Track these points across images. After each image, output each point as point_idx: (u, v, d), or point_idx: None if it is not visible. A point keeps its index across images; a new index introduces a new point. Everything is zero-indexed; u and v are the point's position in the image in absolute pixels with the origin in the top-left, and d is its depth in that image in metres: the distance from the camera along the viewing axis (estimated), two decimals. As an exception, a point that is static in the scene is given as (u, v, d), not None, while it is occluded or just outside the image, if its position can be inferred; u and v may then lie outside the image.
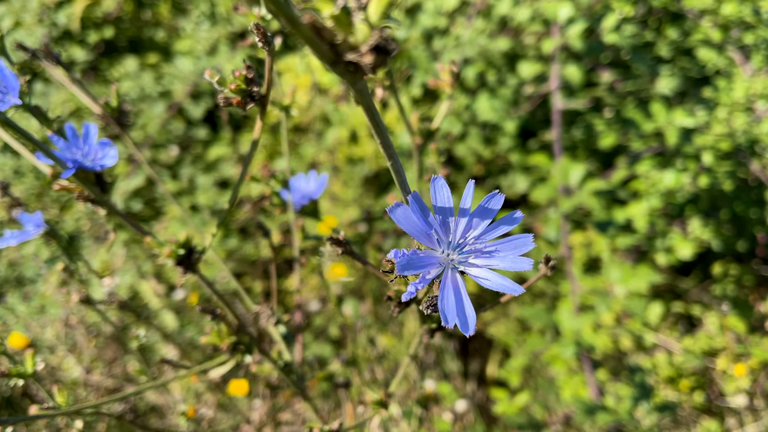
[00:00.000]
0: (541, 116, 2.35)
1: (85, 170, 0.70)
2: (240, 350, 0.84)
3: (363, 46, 0.29)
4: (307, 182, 1.00)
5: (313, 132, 2.37)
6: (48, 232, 0.83)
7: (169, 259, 0.75)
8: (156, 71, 2.16)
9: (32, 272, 1.71)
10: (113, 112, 0.90)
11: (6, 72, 0.70)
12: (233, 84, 0.60)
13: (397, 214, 0.42)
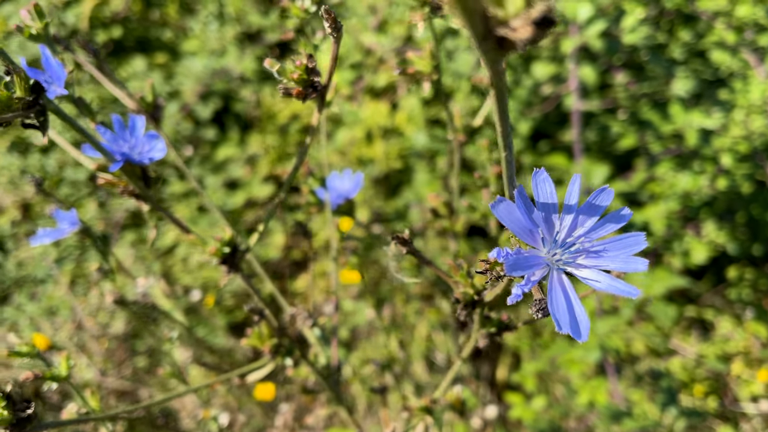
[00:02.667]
0: (555, 117, 2.34)
1: (131, 164, 0.68)
2: (281, 353, 0.82)
3: (516, 20, 0.26)
4: (342, 181, 0.98)
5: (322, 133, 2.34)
6: (82, 230, 0.80)
7: (214, 258, 0.73)
8: (165, 71, 2.13)
9: (43, 273, 1.68)
10: (148, 107, 0.87)
11: (51, 61, 0.68)
12: (295, 73, 0.57)
13: (500, 210, 0.39)
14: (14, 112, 0.60)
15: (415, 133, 2.16)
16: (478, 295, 0.55)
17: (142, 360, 1.85)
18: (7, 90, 0.59)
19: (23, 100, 0.61)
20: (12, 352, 0.76)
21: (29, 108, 0.62)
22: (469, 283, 0.55)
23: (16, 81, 0.60)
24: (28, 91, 0.61)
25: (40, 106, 0.61)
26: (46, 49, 0.68)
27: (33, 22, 0.71)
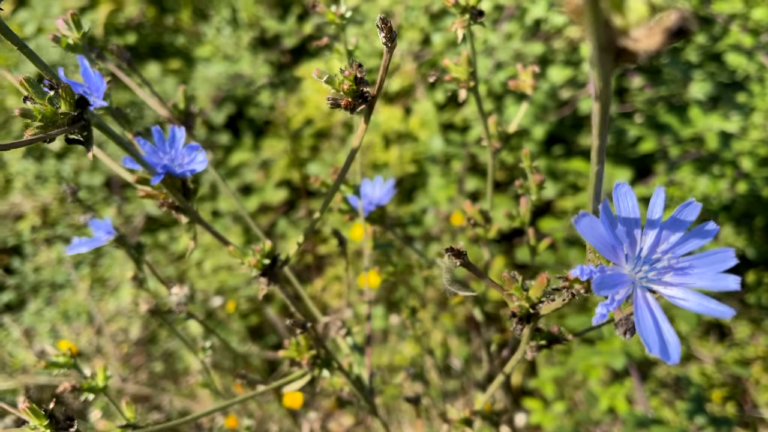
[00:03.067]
0: (570, 122, 2.32)
1: (172, 176, 0.67)
2: (318, 364, 0.81)
3: (639, 29, 0.25)
4: (373, 188, 0.97)
5: (335, 137, 2.33)
6: (117, 238, 0.79)
7: (255, 269, 0.72)
8: (179, 77, 2.13)
9: (62, 278, 1.67)
10: (180, 115, 0.86)
11: (90, 72, 0.67)
12: (345, 84, 0.56)
13: (583, 225, 0.38)
14: (59, 128, 0.60)
15: (432, 137, 2.15)
16: (533, 309, 0.53)
17: (158, 365, 1.84)
18: (52, 105, 0.59)
19: (68, 115, 0.60)
20: (49, 363, 0.76)
21: (74, 123, 0.61)
22: (525, 296, 0.54)
23: (61, 95, 0.59)
24: (73, 105, 0.60)
25: (85, 120, 0.61)
26: (84, 59, 0.67)
27: (70, 32, 0.70)
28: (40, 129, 0.58)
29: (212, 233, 0.73)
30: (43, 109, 0.59)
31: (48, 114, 0.58)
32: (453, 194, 2.19)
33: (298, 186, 2.34)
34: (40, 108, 0.59)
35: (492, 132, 0.86)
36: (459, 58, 0.77)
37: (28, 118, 0.60)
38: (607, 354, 1.43)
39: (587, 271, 0.40)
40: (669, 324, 0.38)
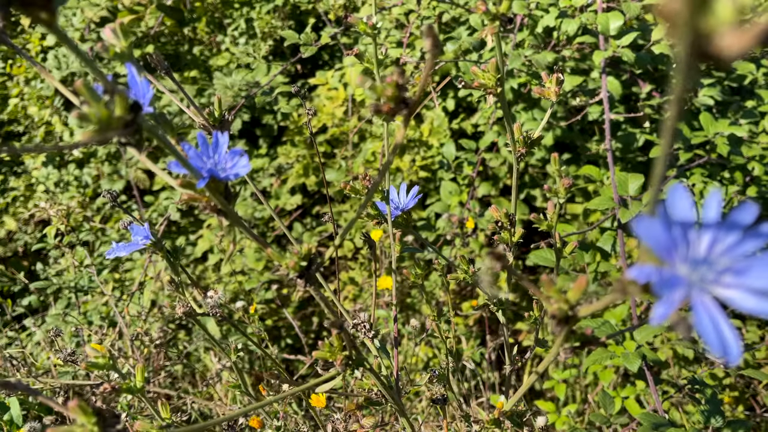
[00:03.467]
0: (578, 129, 2.35)
1: (215, 180, 0.69)
2: (350, 365, 0.83)
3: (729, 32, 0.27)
4: (398, 194, 0.99)
5: (349, 144, 2.36)
6: (154, 243, 0.82)
7: (292, 271, 0.74)
8: (199, 85, 2.16)
9: (85, 282, 1.70)
10: (215, 122, 0.89)
11: (136, 79, 0.70)
12: (389, 90, 0.59)
13: (642, 227, 0.39)
14: (113, 131, 0.62)
15: (444, 143, 2.18)
16: (572, 311, 0.55)
17: (176, 366, 1.86)
18: (108, 109, 0.61)
19: (123, 119, 0.62)
20: (89, 364, 0.78)
21: (127, 127, 0.63)
22: (563, 298, 0.56)
23: (117, 101, 0.61)
24: (128, 110, 0.62)
25: (137, 124, 0.63)
26: (132, 67, 0.70)
27: (117, 41, 0.73)
28: (95, 132, 0.60)
29: (252, 236, 0.75)
30: (99, 113, 0.62)
31: (104, 117, 0.61)
32: (465, 199, 2.22)
33: (312, 191, 2.36)
34: (96, 112, 0.62)
35: (517, 137, 0.88)
36: (486, 64, 0.79)
37: (85, 120, 0.62)
38: (623, 356, 1.45)
39: (646, 273, 0.41)
40: (729, 324, 0.40)
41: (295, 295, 0.75)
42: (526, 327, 2.25)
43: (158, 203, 2.13)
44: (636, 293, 0.45)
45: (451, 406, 1.22)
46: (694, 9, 0.25)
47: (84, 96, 0.60)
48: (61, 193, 2.18)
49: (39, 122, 2.40)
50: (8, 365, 1.75)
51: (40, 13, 0.50)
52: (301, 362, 1.91)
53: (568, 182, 0.74)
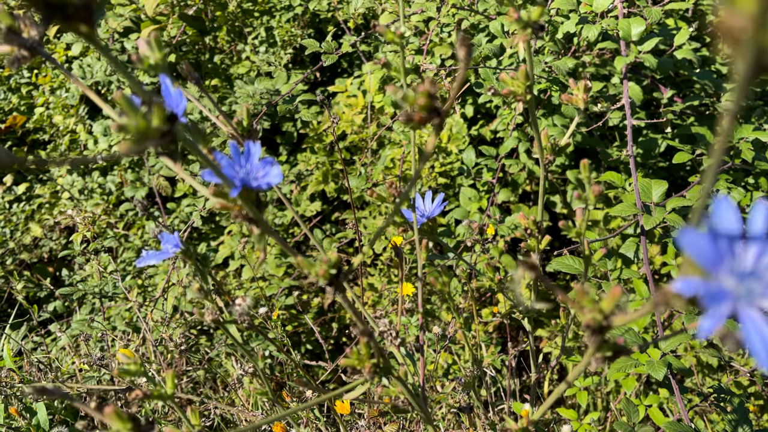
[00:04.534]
0: (598, 134, 2.34)
1: (247, 189, 0.70)
2: (378, 373, 0.83)
3: None
4: (424, 202, 1.00)
5: (368, 151, 2.37)
6: (183, 251, 0.83)
7: (322, 279, 0.75)
8: (220, 93, 2.19)
9: (110, 287, 1.72)
10: (243, 131, 0.90)
11: (170, 90, 0.71)
12: (420, 99, 0.60)
13: (686, 240, 0.39)
14: (151, 141, 0.63)
15: (464, 150, 2.18)
16: (606, 320, 0.55)
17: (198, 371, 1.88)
18: (145, 120, 0.62)
19: (159, 129, 0.63)
20: (121, 370, 0.79)
21: (163, 137, 0.64)
22: (597, 308, 0.56)
23: (155, 112, 0.62)
24: (165, 120, 0.63)
25: (173, 135, 0.64)
26: (166, 78, 0.71)
27: (151, 53, 0.74)
28: (133, 142, 0.62)
29: (281, 244, 0.76)
30: (137, 124, 0.63)
31: (141, 128, 0.62)
32: (484, 206, 2.21)
33: (331, 198, 2.38)
34: (134, 122, 0.63)
35: (545, 144, 0.88)
36: (515, 72, 0.79)
37: (123, 132, 0.64)
38: (647, 364, 1.43)
39: (691, 286, 0.40)
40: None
41: (326, 301, 0.75)
42: (546, 334, 2.23)
43: (180, 210, 2.16)
44: (680, 306, 0.44)
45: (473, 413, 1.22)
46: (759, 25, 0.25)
47: (123, 107, 0.62)
48: (86, 201, 2.22)
49: (64, 131, 2.44)
50: (34, 370, 1.78)
51: (80, 26, 0.51)
52: (322, 368, 1.92)
53: (598, 190, 0.74)
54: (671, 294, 0.45)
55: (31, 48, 0.70)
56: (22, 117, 2.63)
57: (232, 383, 1.76)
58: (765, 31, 0.25)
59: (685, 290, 0.41)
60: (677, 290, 0.42)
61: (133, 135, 0.62)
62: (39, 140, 2.76)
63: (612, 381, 2.12)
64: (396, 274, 2.28)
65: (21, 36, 0.70)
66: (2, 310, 2.46)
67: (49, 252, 2.40)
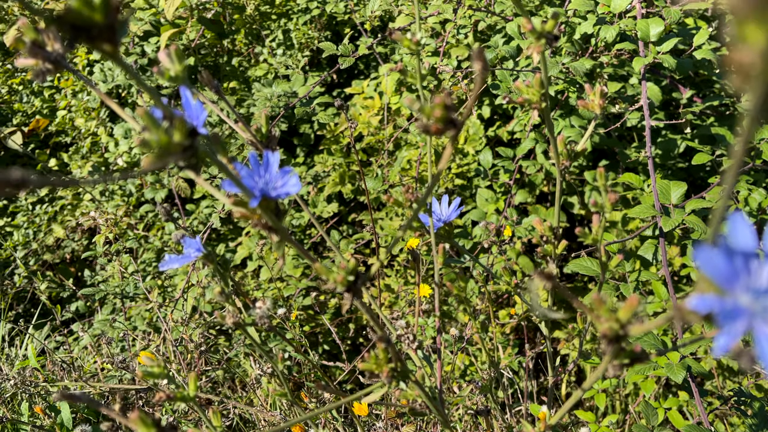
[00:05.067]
0: (616, 135, 2.32)
1: (267, 198, 0.72)
2: (396, 377, 0.84)
3: None
4: (440, 206, 1.01)
5: (384, 152, 2.38)
6: (205, 255, 0.85)
7: (340, 285, 0.76)
8: (238, 95, 2.21)
9: (131, 288, 1.76)
10: (262, 138, 0.91)
11: (191, 102, 0.72)
12: (437, 111, 0.60)
13: (702, 257, 0.39)
14: (173, 156, 0.65)
15: (480, 151, 2.18)
16: (623, 330, 0.56)
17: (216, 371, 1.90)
18: (167, 135, 0.64)
19: (181, 144, 0.64)
20: (145, 373, 0.81)
21: (185, 151, 0.66)
22: (614, 317, 0.56)
23: (176, 127, 0.63)
24: (186, 135, 0.65)
25: (194, 148, 0.65)
26: (186, 90, 0.73)
27: (172, 65, 0.76)
28: (157, 158, 0.63)
29: (300, 250, 0.77)
30: (159, 139, 0.65)
31: (163, 143, 0.64)
32: (501, 207, 2.21)
33: (348, 199, 2.39)
34: (157, 138, 0.65)
35: (561, 150, 0.88)
36: (530, 79, 0.79)
37: (146, 147, 0.65)
38: (666, 367, 1.43)
39: (707, 303, 0.41)
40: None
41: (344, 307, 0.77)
42: (563, 335, 2.23)
43: (199, 211, 2.19)
44: (696, 322, 0.45)
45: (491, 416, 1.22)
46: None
47: (145, 122, 0.63)
48: (107, 202, 2.25)
49: (85, 133, 2.48)
50: (57, 369, 1.81)
51: (104, 45, 0.52)
52: (340, 369, 1.93)
53: (614, 197, 0.74)
54: (687, 310, 0.45)
55: (55, 61, 0.72)
56: (45, 120, 2.68)
57: (251, 383, 1.78)
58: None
59: (700, 307, 0.41)
60: (693, 307, 0.42)
61: (155, 150, 0.64)
62: (61, 143, 2.81)
63: (631, 383, 2.11)
64: (412, 275, 2.29)
65: (45, 49, 0.72)
66: (26, 310, 2.51)
67: (71, 253, 2.44)
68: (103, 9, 0.47)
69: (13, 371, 1.76)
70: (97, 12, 0.47)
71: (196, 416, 1.63)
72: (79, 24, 0.48)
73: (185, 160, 0.66)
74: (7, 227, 2.54)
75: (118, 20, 0.50)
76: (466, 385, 1.34)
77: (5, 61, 3.11)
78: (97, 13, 0.47)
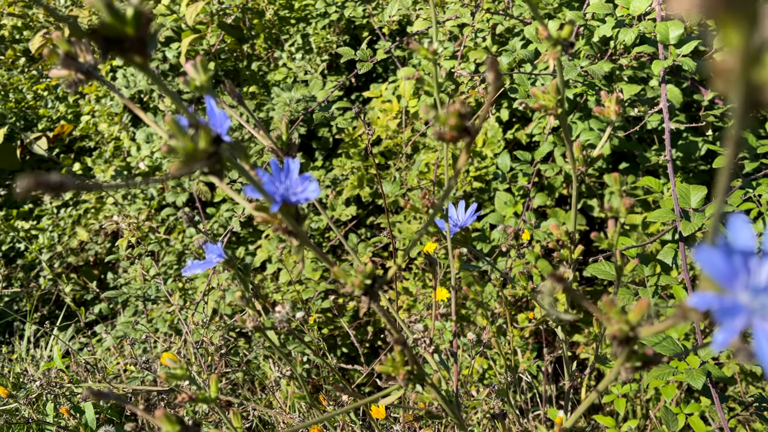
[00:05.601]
0: (636, 137, 2.31)
1: (287, 204, 0.73)
2: (412, 380, 0.85)
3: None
4: (457, 212, 1.01)
5: (402, 156, 2.39)
6: (227, 261, 0.86)
7: (358, 289, 0.77)
8: (257, 100, 2.24)
9: (153, 290, 1.79)
10: (283, 145, 0.93)
11: (215, 110, 0.74)
12: (452, 119, 0.61)
13: (702, 256, 0.40)
14: (198, 163, 0.66)
15: (498, 154, 2.18)
16: (633, 332, 0.56)
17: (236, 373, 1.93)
18: (193, 143, 0.65)
19: (206, 151, 0.66)
20: (169, 375, 0.83)
21: (210, 158, 0.67)
22: (624, 319, 0.57)
23: (201, 134, 0.65)
24: (211, 142, 0.66)
25: (218, 155, 0.67)
26: (211, 99, 0.75)
27: (197, 76, 0.78)
28: (182, 164, 0.65)
29: (320, 255, 0.79)
30: (186, 146, 0.67)
31: (189, 150, 0.66)
32: (520, 210, 2.21)
33: (366, 202, 2.40)
34: (183, 145, 0.67)
35: (577, 156, 0.89)
36: (546, 86, 0.80)
37: (173, 154, 0.67)
38: (686, 373, 1.42)
39: (706, 301, 0.42)
40: (788, 351, 0.40)
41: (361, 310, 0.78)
42: (583, 339, 2.22)
43: (219, 214, 2.22)
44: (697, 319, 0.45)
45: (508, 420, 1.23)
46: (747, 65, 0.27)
47: (172, 130, 0.65)
48: (129, 205, 2.30)
49: (108, 138, 2.53)
50: (81, 370, 1.85)
51: (135, 56, 0.54)
52: (358, 372, 1.94)
53: (629, 202, 0.74)
54: (688, 308, 0.46)
55: (87, 72, 0.75)
56: (69, 125, 2.73)
57: (270, 385, 1.80)
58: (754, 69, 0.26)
59: (700, 304, 0.42)
60: (693, 304, 0.43)
61: (181, 156, 0.66)
62: (85, 147, 2.86)
63: (651, 388, 2.09)
64: (430, 278, 2.30)
65: (78, 61, 0.74)
66: (50, 312, 2.56)
67: (94, 255, 2.49)
68: (135, 22, 0.49)
69: (38, 372, 1.80)
70: (129, 25, 0.49)
71: (216, 417, 1.66)
72: (112, 37, 0.49)
73: (210, 166, 0.68)
74: (33, 230, 2.59)
75: (148, 33, 0.51)
76: (483, 390, 1.34)
77: (30, 67, 3.18)
78: (129, 26, 0.49)
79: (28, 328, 2.25)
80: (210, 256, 0.86)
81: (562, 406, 2.16)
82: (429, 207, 0.95)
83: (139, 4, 0.52)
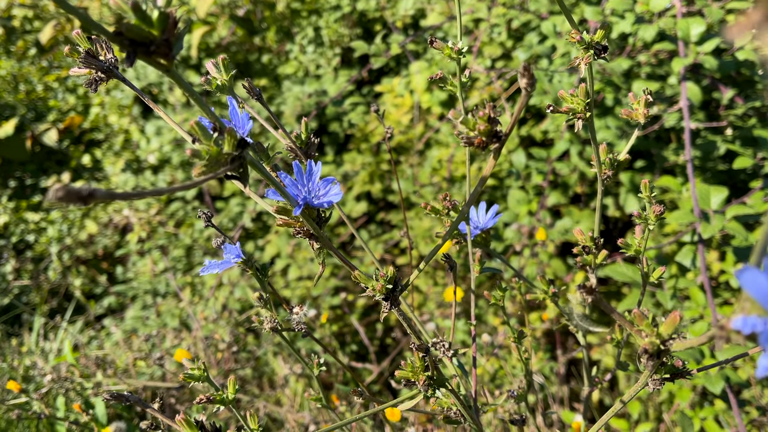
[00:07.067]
0: (654, 136, 2.27)
1: (309, 207, 0.71)
2: (432, 385, 0.83)
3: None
4: (478, 214, 0.99)
5: (415, 152, 2.37)
6: (244, 261, 0.85)
7: (379, 294, 0.75)
8: (268, 93, 2.22)
9: (163, 285, 1.78)
10: (302, 144, 0.91)
11: (237, 111, 0.72)
12: (481, 124, 0.59)
13: (745, 278, 0.39)
14: (222, 166, 0.65)
15: (514, 152, 2.15)
16: (664, 345, 0.54)
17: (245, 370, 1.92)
18: (217, 146, 0.64)
19: (230, 154, 0.64)
20: (186, 375, 0.81)
21: (233, 162, 0.65)
22: (655, 332, 0.55)
23: (226, 138, 0.63)
24: (235, 146, 0.65)
25: (242, 159, 0.65)
26: (233, 100, 0.73)
27: (219, 74, 0.76)
28: (206, 167, 0.63)
29: (340, 258, 0.77)
30: (210, 150, 0.65)
31: (214, 154, 0.64)
32: (534, 209, 2.19)
33: (377, 198, 2.38)
34: (207, 148, 0.65)
35: (603, 159, 0.87)
36: (575, 89, 0.78)
37: (197, 157, 0.65)
38: (704, 377, 1.40)
39: (750, 324, 0.40)
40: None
41: (381, 315, 0.76)
42: (596, 340, 2.20)
43: (229, 209, 2.20)
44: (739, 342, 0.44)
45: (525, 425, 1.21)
46: None
47: (197, 134, 0.63)
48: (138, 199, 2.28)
49: (119, 130, 2.52)
50: (91, 364, 1.84)
51: (161, 60, 0.52)
52: (368, 370, 1.93)
53: (659, 209, 0.72)
54: (730, 330, 0.44)
55: (107, 70, 0.73)
56: (80, 118, 2.72)
57: (279, 382, 1.79)
58: None
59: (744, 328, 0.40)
60: (736, 327, 0.41)
61: (205, 160, 0.64)
62: (94, 140, 2.85)
63: (665, 391, 2.07)
64: (441, 276, 2.28)
65: (98, 59, 0.72)
66: (59, 305, 2.56)
67: (103, 248, 2.48)
68: (161, 24, 0.47)
69: (48, 366, 1.79)
70: (155, 27, 0.47)
71: (227, 415, 1.65)
72: (138, 40, 0.48)
73: (234, 170, 0.66)
74: (43, 222, 2.59)
75: (174, 35, 0.49)
76: (497, 392, 1.32)
77: (41, 58, 3.17)
78: (155, 28, 0.47)
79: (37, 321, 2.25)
80: (228, 256, 0.85)
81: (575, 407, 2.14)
82: (449, 209, 0.93)
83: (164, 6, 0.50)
